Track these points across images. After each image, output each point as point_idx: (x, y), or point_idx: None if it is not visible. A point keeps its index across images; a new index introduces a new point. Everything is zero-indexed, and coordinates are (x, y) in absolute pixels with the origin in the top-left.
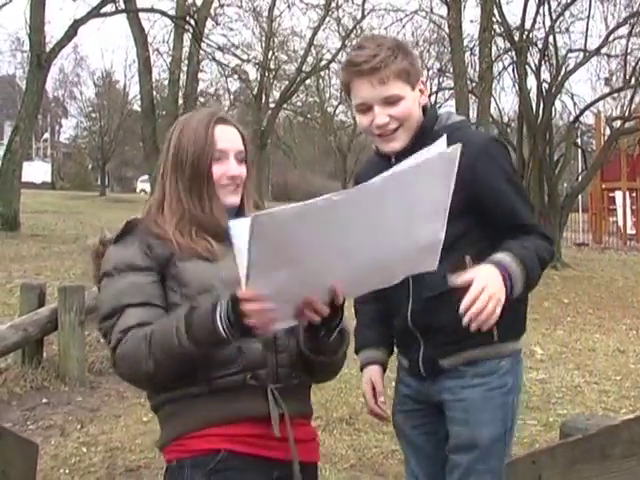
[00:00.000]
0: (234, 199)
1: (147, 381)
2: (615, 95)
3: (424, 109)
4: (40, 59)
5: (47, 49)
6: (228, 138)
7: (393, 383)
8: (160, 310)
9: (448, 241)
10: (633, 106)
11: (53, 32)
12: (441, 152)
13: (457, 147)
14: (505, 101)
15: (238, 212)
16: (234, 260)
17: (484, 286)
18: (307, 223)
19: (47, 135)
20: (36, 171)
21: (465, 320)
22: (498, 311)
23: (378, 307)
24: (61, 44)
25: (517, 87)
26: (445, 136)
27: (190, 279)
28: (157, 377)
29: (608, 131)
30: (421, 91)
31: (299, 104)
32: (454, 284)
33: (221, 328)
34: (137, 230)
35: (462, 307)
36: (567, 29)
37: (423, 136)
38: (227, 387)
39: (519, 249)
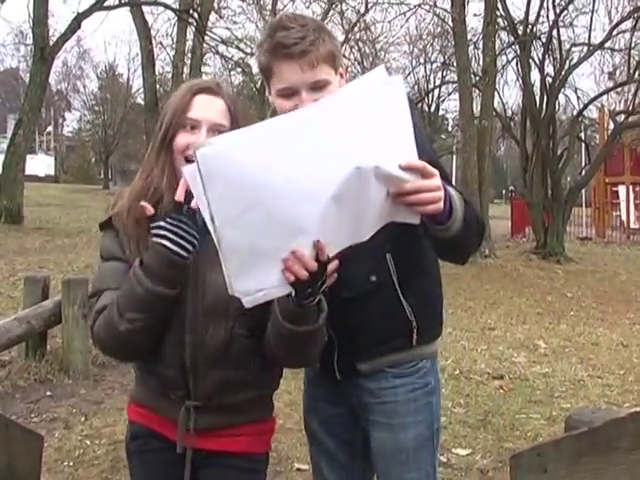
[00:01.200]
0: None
1: (129, 343)
2: (619, 89)
3: None
4: (43, 52)
5: (50, 42)
6: (205, 108)
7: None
8: None
9: (370, 239)
10: (637, 100)
11: (56, 25)
12: (386, 78)
13: (399, 77)
14: (509, 95)
15: None
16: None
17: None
18: (251, 147)
19: (50, 128)
20: (39, 164)
21: (397, 190)
22: (431, 207)
23: None
24: (64, 37)
25: (521, 81)
26: (384, 65)
27: None
28: (135, 334)
29: (612, 125)
30: (341, 75)
31: None
32: (401, 166)
33: (166, 243)
34: (115, 219)
35: (410, 184)
36: (571, 23)
37: None
38: (154, 389)
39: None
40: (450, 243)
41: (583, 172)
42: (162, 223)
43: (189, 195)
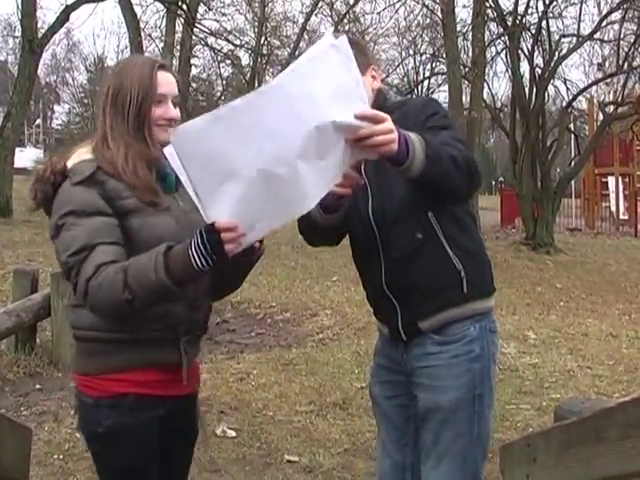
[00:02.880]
0: (167, 135)
1: (126, 309)
2: (608, 80)
3: (379, 91)
4: (32, 45)
5: (39, 35)
6: (168, 83)
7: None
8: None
9: (407, 196)
10: (626, 91)
11: (45, 18)
12: (331, 43)
13: (343, 38)
14: (498, 86)
15: None
16: (174, 212)
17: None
18: (219, 128)
19: (39, 121)
20: (28, 157)
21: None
22: (385, 148)
23: None
24: (53, 29)
25: (510, 72)
26: (330, 31)
27: (146, 236)
28: (135, 306)
29: (601, 116)
30: (373, 77)
31: None
32: (356, 115)
33: (197, 261)
34: (95, 175)
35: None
36: (560, 14)
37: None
38: (148, 339)
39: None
40: (425, 183)
41: (572, 163)
42: (199, 238)
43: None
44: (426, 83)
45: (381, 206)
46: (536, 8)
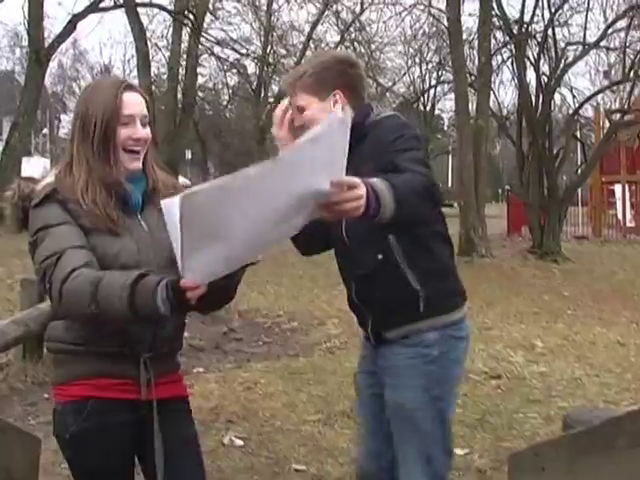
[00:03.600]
0: (136, 164)
1: (93, 319)
2: (614, 88)
3: (362, 108)
4: (39, 54)
5: (46, 44)
6: (134, 103)
7: None
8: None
9: (372, 223)
10: (632, 99)
11: (52, 27)
12: (330, 120)
13: (347, 112)
14: (504, 94)
15: (142, 174)
16: (135, 234)
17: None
18: (230, 198)
19: (46, 130)
20: (35, 166)
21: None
22: (352, 214)
23: None
24: (60, 39)
25: (516, 80)
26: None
27: (97, 256)
28: (100, 319)
29: (607, 124)
30: (335, 102)
31: None
32: (332, 183)
33: (161, 307)
34: (53, 195)
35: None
36: (566, 22)
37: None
38: (107, 353)
39: (384, 178)
40: (394, 223)
41: (579, 171)
42: (166, 285)
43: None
44: (432, 91)
45: (352, 226)
46: (542, 16)
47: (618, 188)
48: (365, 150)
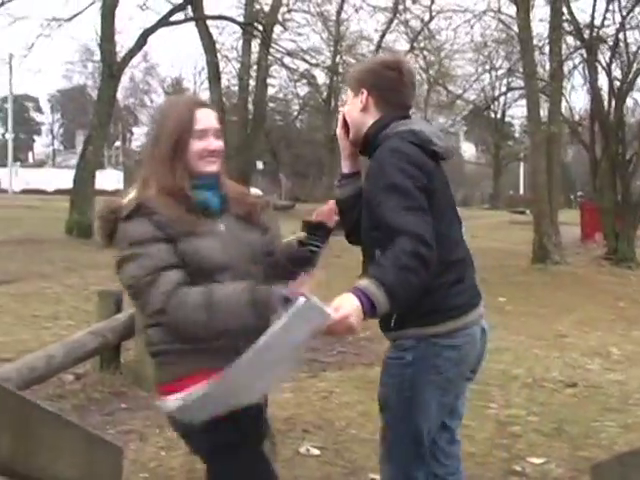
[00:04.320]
0: (214, 167)
1: (201, 329)
2: None
3: (376, 122)
4: (112, 69)
5: (118, 58)
6: (207, 119)
7: None
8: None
9: (366, 233)
10: None
11: (123, 42)
12: (295, 308)
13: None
14: (576, 100)
15: (217, 179)
16: (218, 236)
17: (342, 317)
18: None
19: (119, 143)
20: (109, 179)
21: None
22: (354, 329)
23: None
24: (132, 53)
25: (588, 85)
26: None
27: (200, 259)
28: (208, 328)
29: None
30: (361, 102)
31: None
32: (333, 318)
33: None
34: (140, 209)
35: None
36: (638, 25)
37: (364, 143)
38: (210, 349)
39: (376, 270)
40: (396, 309)
41: None
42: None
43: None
44: (502, 99)
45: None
46: (613, 20)
47: None
48: (370, 166)
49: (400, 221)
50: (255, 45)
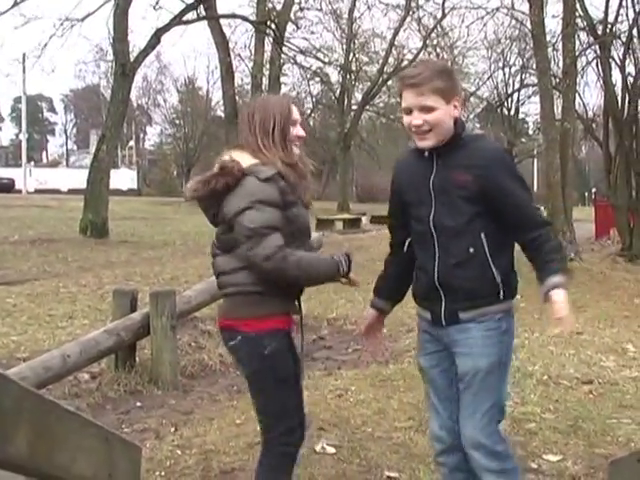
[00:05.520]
0: (298, 150)
1: (290, 281)
2: None
3: (456, 120)
4: (125, 68)
5: (131, 58)
6: (296, 112)
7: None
8: None
9: (467, 218)
10: None
11: (136, 41)
12: None
13: None
14: (589, 96)
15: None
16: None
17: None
18: None
19: (132, 143)
20: (122, 178)
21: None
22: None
23: (401, 264)
24: (145, 53)
25: (601, 82)
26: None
27: (300, 223)
28: (297, 281)
29: None
30: (455, 107)
31: (381, 105)
32: (556, 332)
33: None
34: (275, 175)
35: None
36: None
37: (452, 139)
38: (283, 294)
39: (551, 263)
40: None
41: None
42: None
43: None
44: (516, 95)
45: (441, 219)
46: (626, 16)
47: None
48: (461, 157)
49: (536, 214)
50: (268, 43)
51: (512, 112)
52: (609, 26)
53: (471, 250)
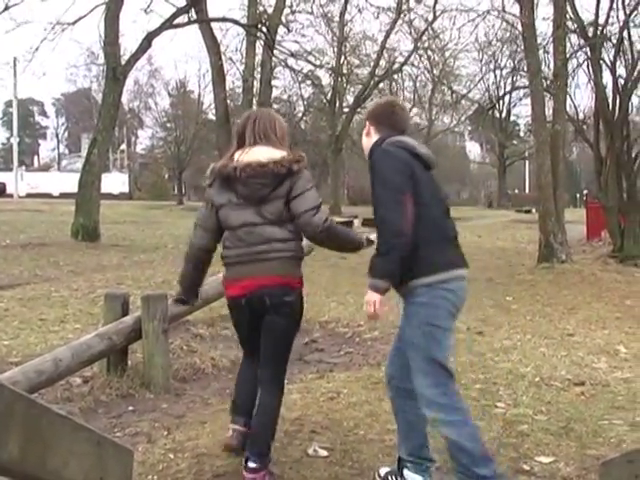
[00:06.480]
0: None
1: (327, 242)
2: None
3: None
4: (115, 72)
5: (122, 62)
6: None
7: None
8: None
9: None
10: None
11: (127, 44)
12: None
13: None
14: (580, 98)
15: None
16: None
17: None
18: None
19: (124, 146)
20: (114, 182)
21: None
22: (374, 307)
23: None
24: (136, 56)
25: (592, 83)
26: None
27: None
28: (330, 243)
29: None
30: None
31: None
32: None
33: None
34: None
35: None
36: None
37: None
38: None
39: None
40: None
41: None
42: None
43: None
44: (507, 98)
45: None
46: (617, 18)
47: None
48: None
49: (380, 212)
50: (259, 47)
51: (503, 114)
52: (600, 28)
53: None
